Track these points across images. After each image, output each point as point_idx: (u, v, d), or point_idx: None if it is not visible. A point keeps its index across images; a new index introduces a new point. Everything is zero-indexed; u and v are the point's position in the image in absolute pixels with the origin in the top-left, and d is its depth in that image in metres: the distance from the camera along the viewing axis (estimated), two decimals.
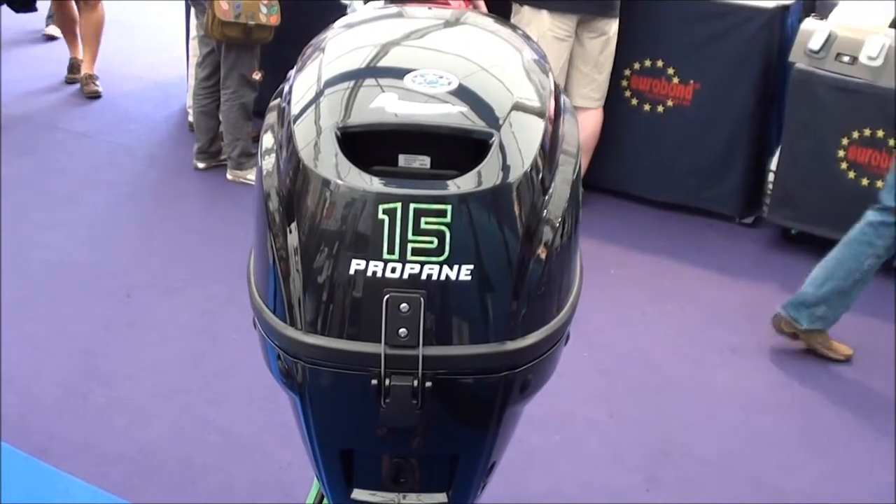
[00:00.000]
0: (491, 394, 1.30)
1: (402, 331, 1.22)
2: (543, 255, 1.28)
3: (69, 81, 6.83)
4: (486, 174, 1.23)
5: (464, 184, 1.22)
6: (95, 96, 6.59)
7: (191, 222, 5.10)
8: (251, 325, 1.40)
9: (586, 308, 1.80)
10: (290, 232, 1.27)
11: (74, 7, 6.77)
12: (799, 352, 4.09)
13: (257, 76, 5.34)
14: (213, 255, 4.64)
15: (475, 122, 1.27)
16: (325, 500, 1.89)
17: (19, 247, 4.65)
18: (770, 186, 4.97)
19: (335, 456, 1.36)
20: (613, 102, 5.15)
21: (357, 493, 1.40)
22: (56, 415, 3.55)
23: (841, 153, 4.64)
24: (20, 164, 5.53)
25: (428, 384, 1.24)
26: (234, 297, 4.11)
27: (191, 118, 5.85)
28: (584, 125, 4.89)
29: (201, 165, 5.62)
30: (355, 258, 1.22)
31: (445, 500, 1.40)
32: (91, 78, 6.70)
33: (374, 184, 1.22)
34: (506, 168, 1.25)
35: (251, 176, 5.18)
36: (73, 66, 6.88)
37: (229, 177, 5.50)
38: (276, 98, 1.44)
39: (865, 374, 3.99)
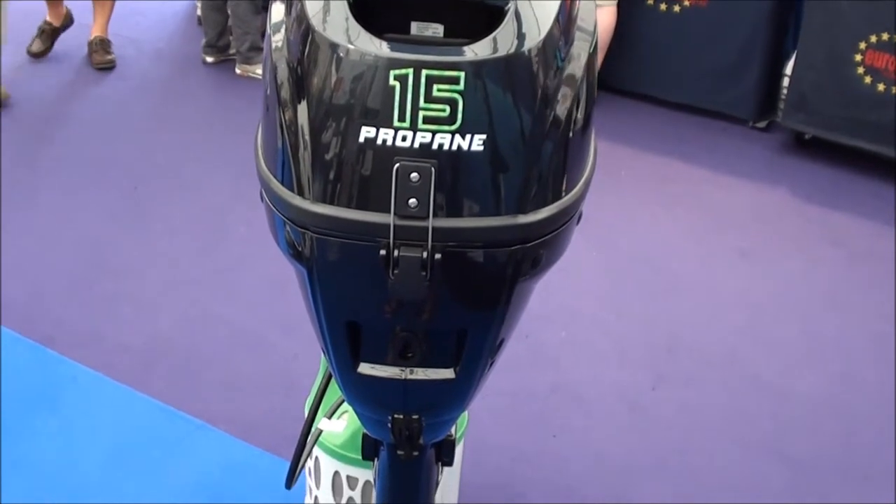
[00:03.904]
0: (501, 268, 1.28)
1: (412, 201, 1.20)
2: (557, 129, 1.25)
3: (37, 52, 5.41)
4: (501, 41, 1.20)
5: (478, 50, 1.19)
6: (109, 67, 5.48)
7: (199, 116, 5.07)
8: (258, 219, 1.38)
9: (596, 208, 1.79)
10: (300, 101, 1.24)
11: None
12: (805, 257, 4.08)
13: None
14: (220, 150, 4.62)
15: None
16: (332, 381, 1.89)
17: (26, 139, 4.63)
18: (785, 91, 4.91)
19: (342, 329, 1.35)
20: (629, 1, 5.06)
21: (363, 368, 1.39)
22: (63, 305, 3.56)
23: (858, 57, 4.57)
24: (28, 57, 5.47)
25: (437, 256, 1.22)
26: (242, 191, 4.12)
27: (199, 12, 5.78)
28: (599, 22, 4.81)
29: (210, 60, 5.56)
30: (365, 125, 1.20)
31: (452, 375, 1.39)
32: (104, 44, 5.53)
33: (385, 49, 1.19)
34: (521, 36, 1.22)
35: (260, 70, 5.10)
36: (43, 32, 5.46)
37: (238, 71, 5.46)
38: None
39: (867, 279, 3.97)
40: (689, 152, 4.87)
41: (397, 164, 1.19)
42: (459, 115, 1.18)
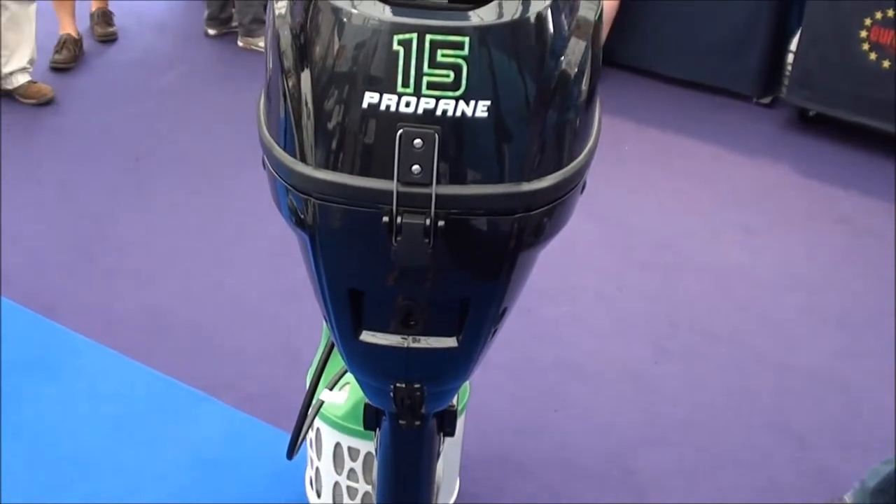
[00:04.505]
0: (505, 236, 1.28)
1: (416, 168, 1.19)
2: (562, 96, 1.24)
3: (57, 66, 5.01)
4: (506, 7, 1.19)
5: (483, 15, 1.18)
6: (111, 39, 5.40)
7: (200, 89, 5.04)
8: (260, 191, 1.36)
9: (598, 183, 1.78)
10: (303, 68, 1.23)
11: None
12: (808, 233, 4.07)
13: None
14: (222, 122, 4.60)
15: None
16: (334, 352, 1.89)
17: (27, 111, 4.62)
18: (789, 67, 4.88)
19: (344, 296, 1.34)
20: None
21: (365, 336, 1.38)
22: (64, 276, 3.55)
23: (863, 33, 4.54)
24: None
25: (440, 223, 1.21)
26: (244, 164, 4.10)
27: None
28: None
29: (212, 32, 5.53)
30: (368, 91, 1.18)
31: (455, 344, 1.38)
32: (106, 16, 5.43)
33: (388, 13, 1.18)
34: (526, 2, 1.21)
35: (262, 43, 5.09)
36: (65, 43, 5.08)
37: (240, 44, 5.43)
38: None
39: (869, 255, 3.97)
40: (693, 128, 4.84)
41: (400, 131, 1.18)
42: (464, 81, 1.17)
